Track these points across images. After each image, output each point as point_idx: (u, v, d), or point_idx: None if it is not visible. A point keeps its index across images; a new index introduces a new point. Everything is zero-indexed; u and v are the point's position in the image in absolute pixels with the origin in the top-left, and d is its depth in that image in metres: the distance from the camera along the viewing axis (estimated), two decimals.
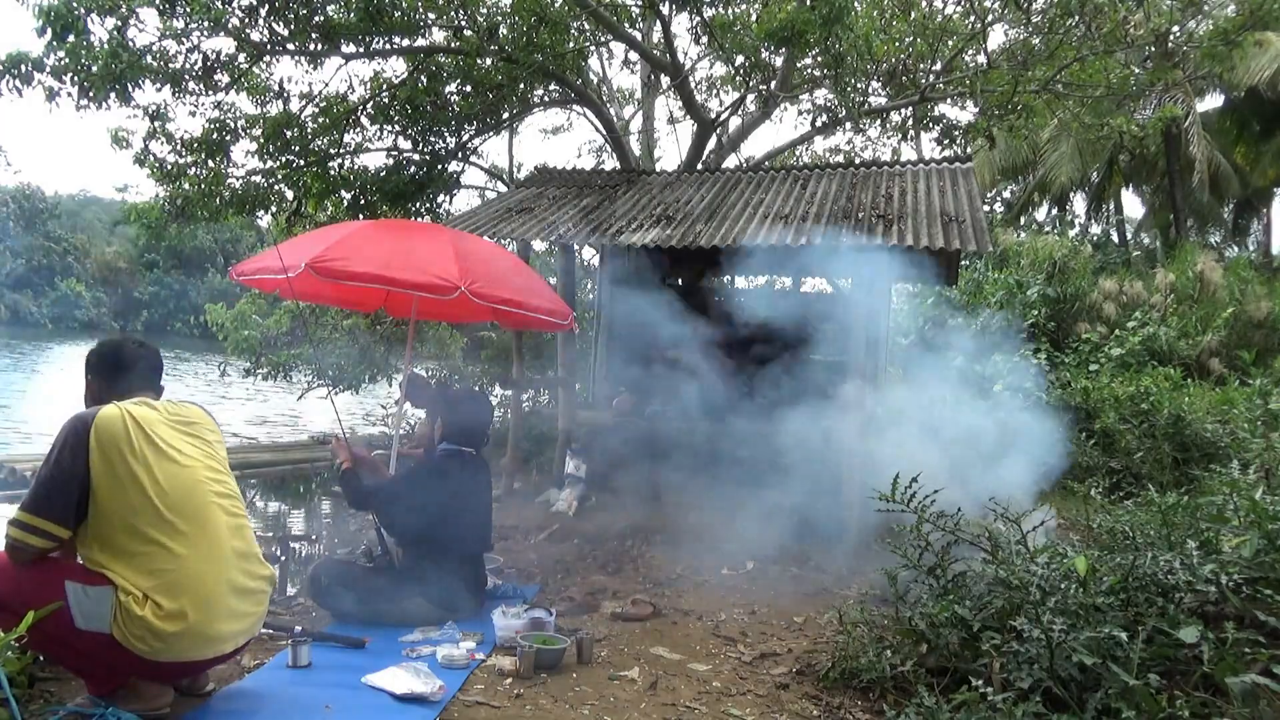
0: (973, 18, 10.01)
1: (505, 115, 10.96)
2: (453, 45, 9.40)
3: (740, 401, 7.03)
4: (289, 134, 9.36)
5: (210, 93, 9.03)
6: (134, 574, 2.42)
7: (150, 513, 2.45)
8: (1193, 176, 16.73)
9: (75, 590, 2.41)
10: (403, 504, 3.87)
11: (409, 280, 4.18)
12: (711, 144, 11.44)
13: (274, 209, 10.20)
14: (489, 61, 9.42)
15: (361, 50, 9.14)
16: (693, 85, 11.42)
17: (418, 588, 3.75)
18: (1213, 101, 18.88)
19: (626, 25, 10.40)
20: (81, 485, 2.41)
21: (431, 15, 9.27)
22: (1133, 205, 22.40)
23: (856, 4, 8.55)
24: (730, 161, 11.70)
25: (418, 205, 10.28)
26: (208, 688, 2.84)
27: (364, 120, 9.87)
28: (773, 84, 10.04)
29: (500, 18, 9.24)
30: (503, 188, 13.03)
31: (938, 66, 10.69)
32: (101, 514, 2.43)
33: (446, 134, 10.38)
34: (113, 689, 2.57)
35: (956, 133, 10.83)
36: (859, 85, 9.61)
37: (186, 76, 8.59)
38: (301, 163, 9.65)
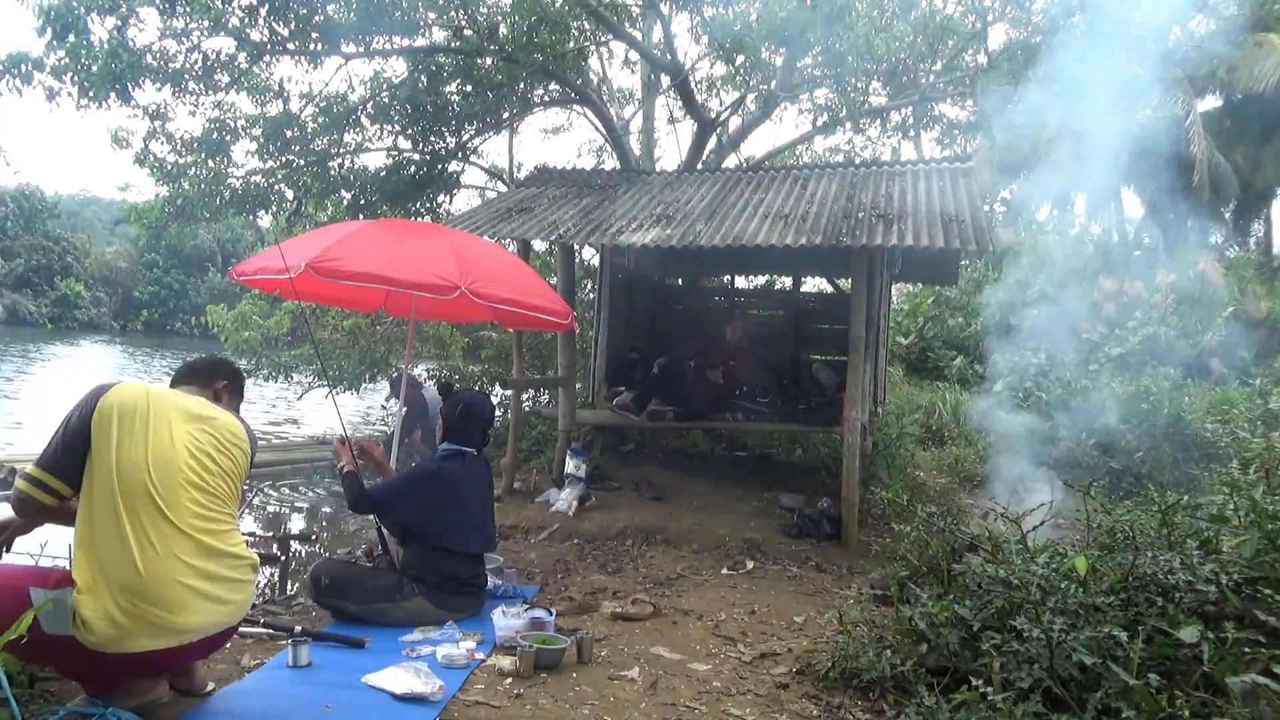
0: (972, 17, 10.01)
1: (505, 115, 10.96)
2: (453, 45, 9.39)
3: (739, 400, 7.03)
4: (289, 134, 9.37)
5: (210, 92, 9.03)
6: (91, 559, 2.40)
7: (115, 489, 2.42)
8: (1193, 176, 16.71)
9: (39, 596, 2.38)
10: (403, 505, 3.87)
11: (409, 280, 4.18)
12: (711, 144, 11.45)
13: (274, 209, 10.20)
14: (489, 61, 9.41)
15: (361, 50, 9.15)
16: (693, 85, 11.41)
17: (419, 587, 3.75)
18: (1213, 101, 18.86)
19: (626, 25, 10.40)
20: (84, 449, 2.45)
21: (431, 15, 9.27)
22: (1133, 205, 22.38)
23: (857, 3, 8.56)
24: (730, 161, 11.70)
25: (418, 205, 10.29)
26: (208, 688, 2.84)
27: (364, 120, 9.86)
28: (773, 83, 10.04)
29: (500, 17, 9.24)
30: (503, 188, 13.03)
31: (938, 66, 10.69)
32: (88, 483, 2.45)
33: (446, 134, 10.38)
34: (103, 688, 2.57)
35: (957, 132, 10.84)
36: (859, 85, 9.60)
37: (186, 76, 8.60)
38: (301, 163, 9.65)
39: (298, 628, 3.31)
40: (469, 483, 3.98)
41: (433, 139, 10.26)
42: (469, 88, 9.90)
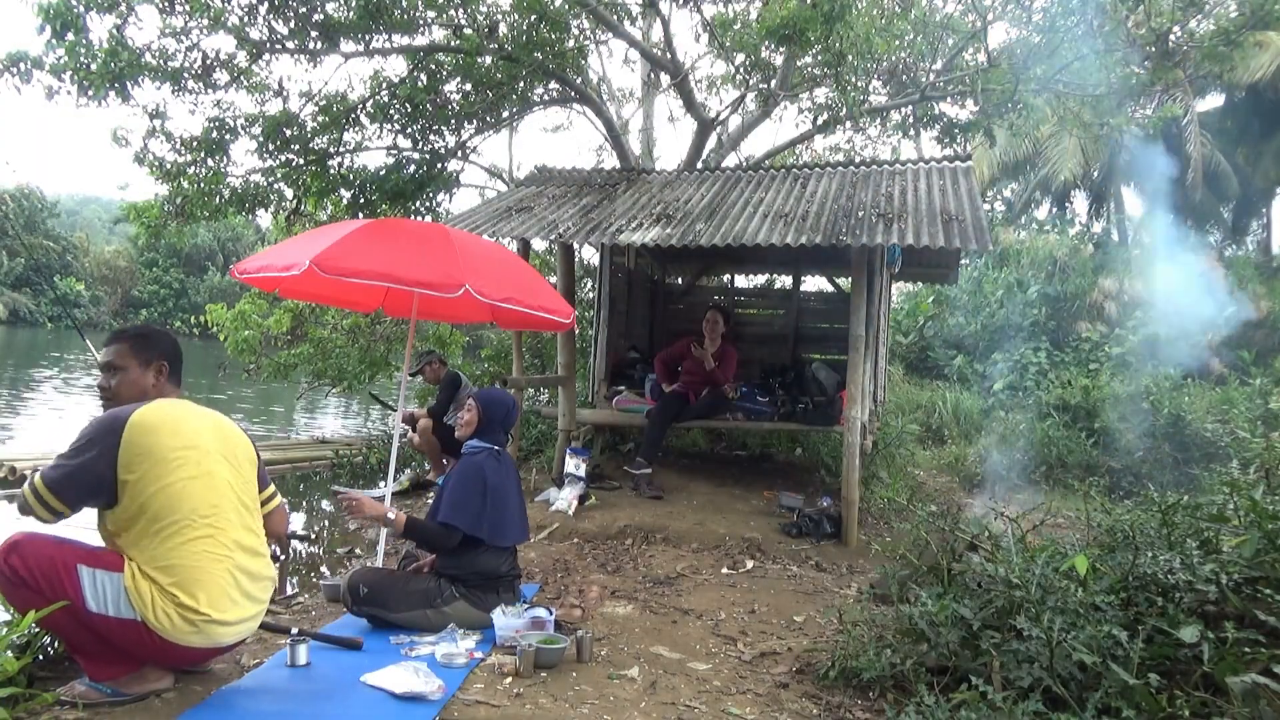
0: (973, 16, 10.00)
1: (505, 114, 10.94)
2: (452, 43, 9.38)
3: (740, 400, 7.03)
4: (288, 132, 9.34)
5: (209, 91, 9.00)
6: (152, 561, 2.55)
7: (172, 510, 2.56)
8: (1189, 175, 16.72)
9: (86, 574, 2.52)
10: (476, 521, 3.70)
11: (414, 278, 4.16)
12: (711, 143, 11.43)
13: (273, 208, 10.18)
14: (489, 60, 9.40)
15: (361, 48, 9.13)
16: (693, 84, 11.40)
17: (458, 590, 3.69)
18: (1213, 101, 18.87)
19: (626, 24, 10.39)
20: (105, 482, 2.52)
21: (431, 13, 9.25)
22: (1134, 204, 22.39)
23: (857, 2, 8.53)
24: (730, 160, 11.69)
25: (417, 204, 10.26)
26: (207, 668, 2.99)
27: (363, 119, 9.85)
28: (773, 82, 10.03)
29: (500, 16, 9.23)
30: (502, 186, 13.02)
31: (938, 65, 10.67)
32: (126, 507, 2.55)
33: (446, 132, 10.36)
34: (115, 674, 2.61)
35: (956, 131, 10.81)
36: (859, 84, 9.57)
37: (186, 75, 8.57)
38: (301, 161, 9.63)
39: (294, 629, 3.31)
40: (507, 478, 3.90)
41: (432, 138, 10.25)
42: (469, 86, 9.88)
